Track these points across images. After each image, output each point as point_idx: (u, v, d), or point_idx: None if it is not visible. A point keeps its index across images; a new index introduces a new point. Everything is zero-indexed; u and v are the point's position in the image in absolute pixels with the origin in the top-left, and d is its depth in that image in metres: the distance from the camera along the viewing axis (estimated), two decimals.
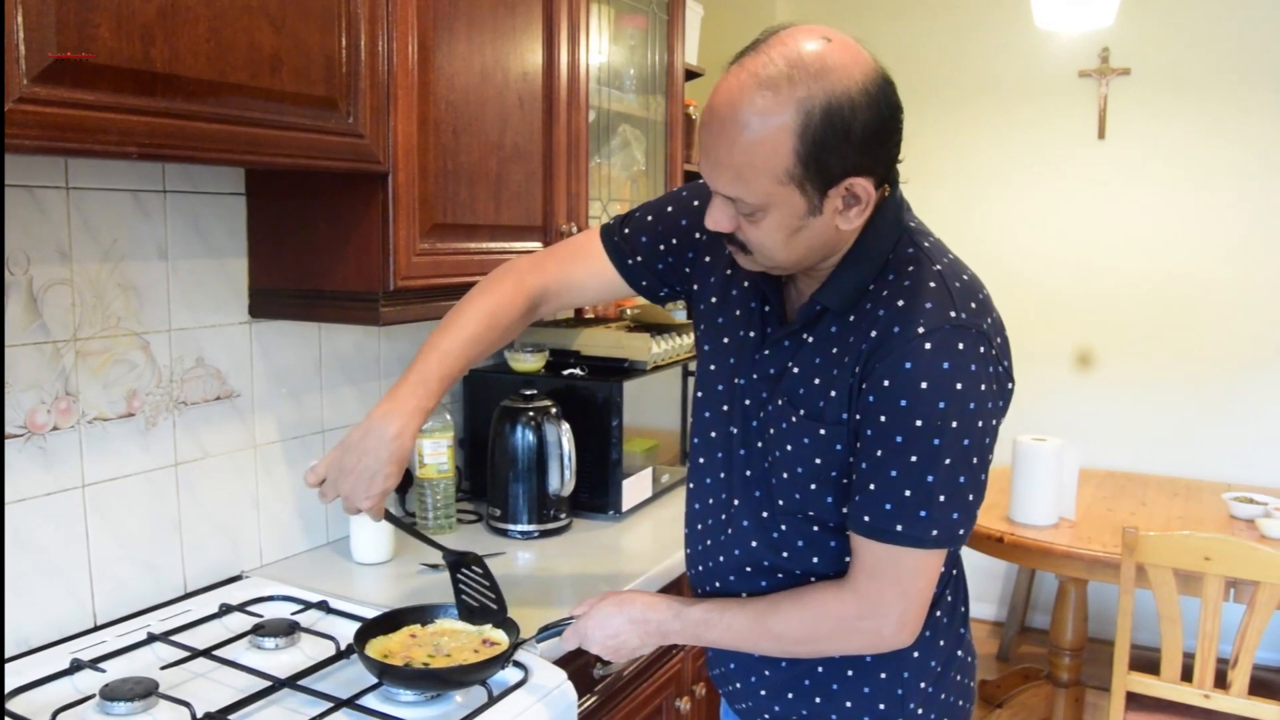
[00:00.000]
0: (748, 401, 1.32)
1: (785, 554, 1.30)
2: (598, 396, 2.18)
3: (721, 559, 1.38)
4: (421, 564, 1.87)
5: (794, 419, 1.24)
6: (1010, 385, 1.23)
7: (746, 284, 1.34)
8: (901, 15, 4.21)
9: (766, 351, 1.29)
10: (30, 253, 1.44)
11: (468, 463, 2.31)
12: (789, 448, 1.25)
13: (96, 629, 1.55)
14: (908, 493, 1.15)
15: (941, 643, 1.34)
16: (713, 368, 1.38)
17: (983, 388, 1.15)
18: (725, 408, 1.35)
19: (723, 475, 1.37)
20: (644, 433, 2.30)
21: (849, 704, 1.32)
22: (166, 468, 1.66)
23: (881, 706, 1.31)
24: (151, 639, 1.50)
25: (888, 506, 1.16)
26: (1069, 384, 4.16)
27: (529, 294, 1.46)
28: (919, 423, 1.13)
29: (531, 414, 2.06)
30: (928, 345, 1.13)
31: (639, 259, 1.46)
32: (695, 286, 1.44)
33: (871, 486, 1.17)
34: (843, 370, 1.19)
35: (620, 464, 2.16)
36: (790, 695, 1.36)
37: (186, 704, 1.27)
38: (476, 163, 1.77)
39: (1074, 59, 4.00)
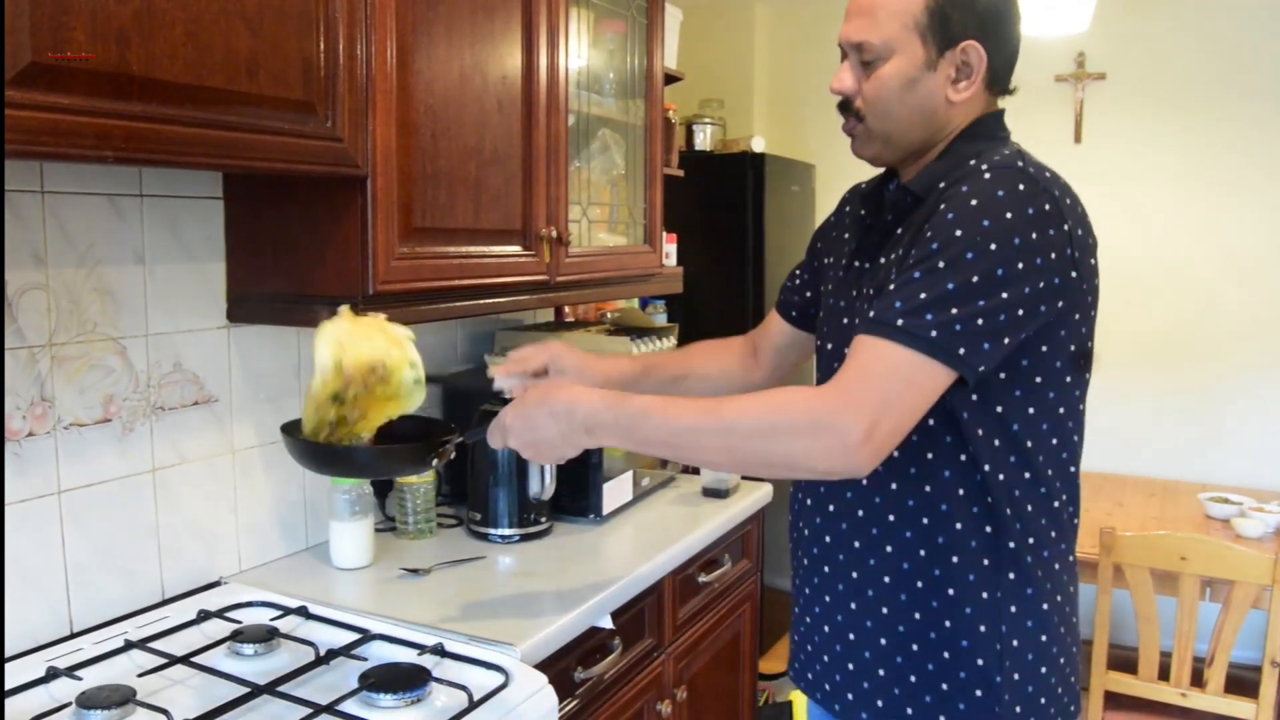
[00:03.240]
0: (845, 319, 1.35)
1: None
2: None
3: (815, 517, 1.38)
4: (401, 569, 1.86)
5: (871, 292, 1.25)
6: (1074, 274, 1.19)
7: (857, 211, 1.42)
8: None
9: (859, 262, 1.36)
10: (6, 258, 1.42)
11: (447, 467, 2.30)
12: None
13: (73, 636, 1.53)
14: (922, 295, 1.13)
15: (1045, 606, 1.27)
16: (824, 327, 1.43)
17: (1034, 235, 1.13)
18: (832, 337, 1.39)
19: None
20: None
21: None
22: (144, 473, 1.65)
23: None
24: (129, 646, 1.49)
25: (898, 304, 1.14)
26: None
27: (745, 339, 1.71)
28: (958, 232, 1.13)
29: None
30: (987, 175, 1.17)
31: (793, 298, 1.62)
32: (822, 271, 1.53)
33: (892, 286, 1.16)
34: (915, 234, 1.21)
35: (601, 467, 2.15)
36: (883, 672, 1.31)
37: (164, 711, 1.26)
38: (456, 166, 1.77)
39: (1050, 64, 4.03)
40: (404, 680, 1.38)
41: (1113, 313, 4.02)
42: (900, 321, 1.13)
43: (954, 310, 1.11)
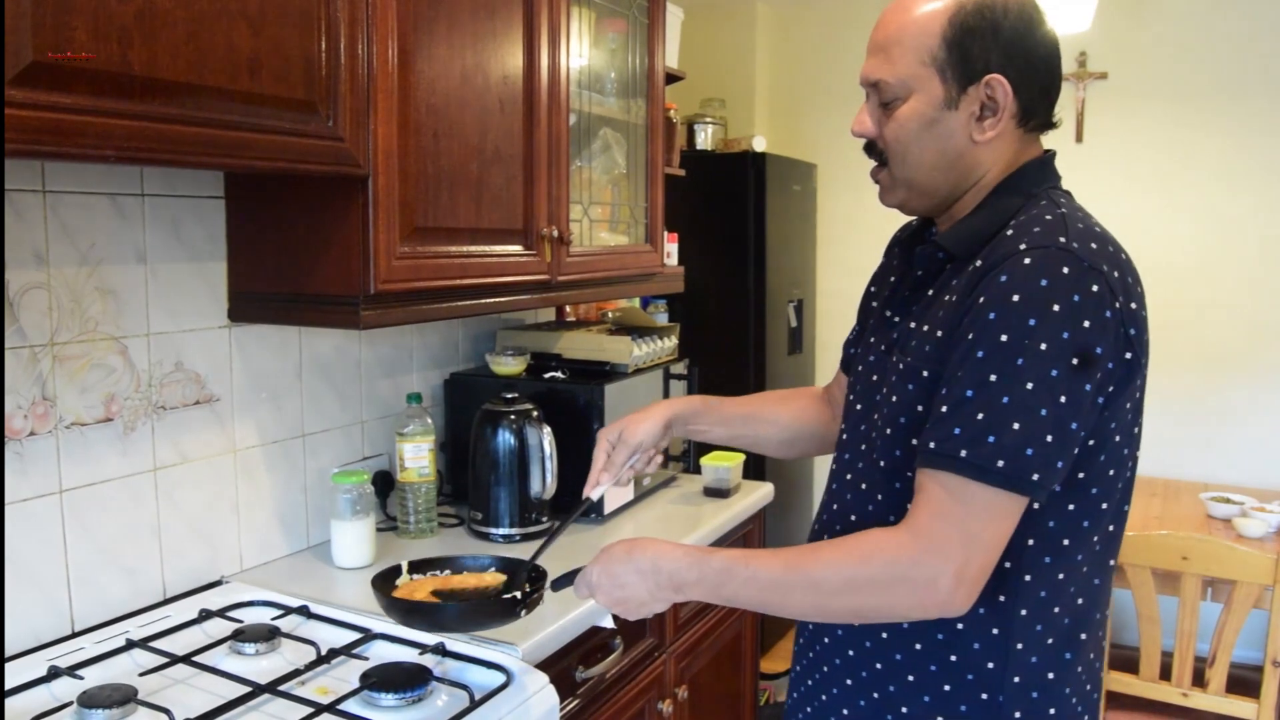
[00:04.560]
0: (874, 375, 1.27)
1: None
2: (579, 399, 2.18)
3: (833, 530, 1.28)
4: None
5: (901, 366, 1.17)
6: (1131, 355, 1.09)
7: (893, 258, 1.36)
8: None
9: (889, 312, 1.28)
10: (6, 256, 1.42)
11: (449, 466, 2.31)
12: (894, 399, 1.17)
13: (74, 635, 1.53)
14: (980, 415, 1.04)
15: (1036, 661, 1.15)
16: (858, 366, 1.35)
17: (1088, 324, 1.04)
18: (858, 386, 1.31)
19: (845, 456, 1.30)
20: None
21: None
22: (145, 473, 1.65)
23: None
24: (130, 645, 1.49)
25: (957, 431, 1.05)
26: None
27: (820, 389, 1.64)
28: (1004, 338, 1.04)
29: (513, 417, 2.06)
30: (1027, 260, 1.06)
31: (849, 351, 1.49)
32: (868, 316, 1.42)
33: (944, 409, 1.07)
34: (950, 310, 1.12)
35: None
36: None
37: (166, 711, 1.26)
38: (457, 166, 1.77)
39: None
40: (405, 680, 1.38)
41: None
42: (964, 453, 1.04)
43: (1016, 427, 1.03)
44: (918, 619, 1.11)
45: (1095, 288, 1.05)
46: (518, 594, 1.38)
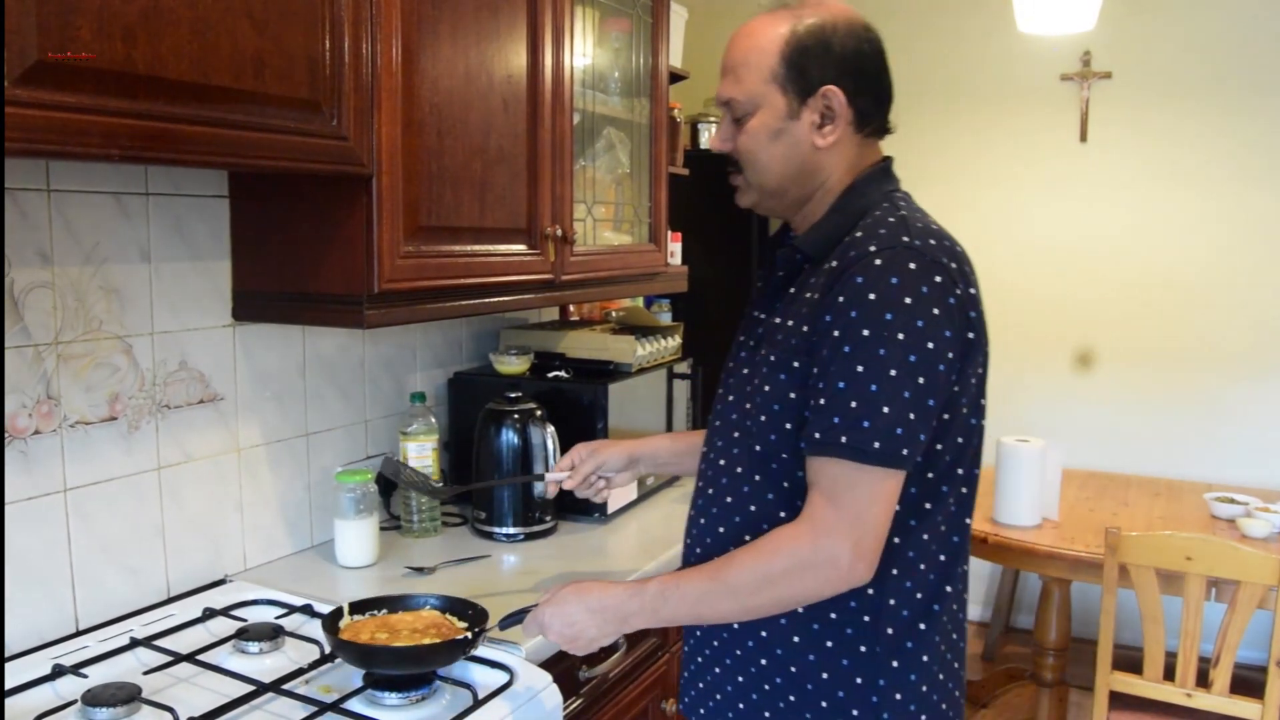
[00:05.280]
0: (745, 369, 1.36)
1: (753, 508, 1.31)
2: (583, 399, 2.18)
3: (707, 537, 1.37)
4: (406, 567, 1.87)
5: (773, 358, 1.28)
6: (973, 335, 1.24)
7: (764, 262, 1.45)
8: (884, 20, 4.19)
9: (756, 311, 1.40)
10: (11, 255, 1.43)
11: (453, 465, 2.31)
12: (767, 389, 1.28)
13: (78, 634, 1.53)
14: (853, 403, 1.17)
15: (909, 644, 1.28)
16: (729, 363, 1.44)
17: (935, 312, 1.19)
18: (729, 380, 1.41)
19: (718, 443, 1.38)
20: (629, 435, 2.29)
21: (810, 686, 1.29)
22: (149, 471, 1.65)
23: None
24: (134, 644, 1.49)
25: (835, 419, 1.18)
26: (1050, 385, 4.18)
27: None
28: (866, 332, 1.17)
29: (516, 416, 2.06)
30: (878, 261, 1.20)
31: None
32: None
33: (822, 401, 1.20)
34: (811, 306, 1.25)
35: None
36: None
37: (170, 709, 1.26)
38: (461, 165, 1.77)
39: (1056, 63, 4.02)
40: (409, 679, 1.38)
41: (1119, 312, 4.04)
42: (844, 439, 1.17)
43: (885, 410, 1.16)
44: (830, 595, 1.23)
45: (938, 279, 1.20)
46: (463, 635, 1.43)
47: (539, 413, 2.08)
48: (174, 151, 1.24)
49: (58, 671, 1.38)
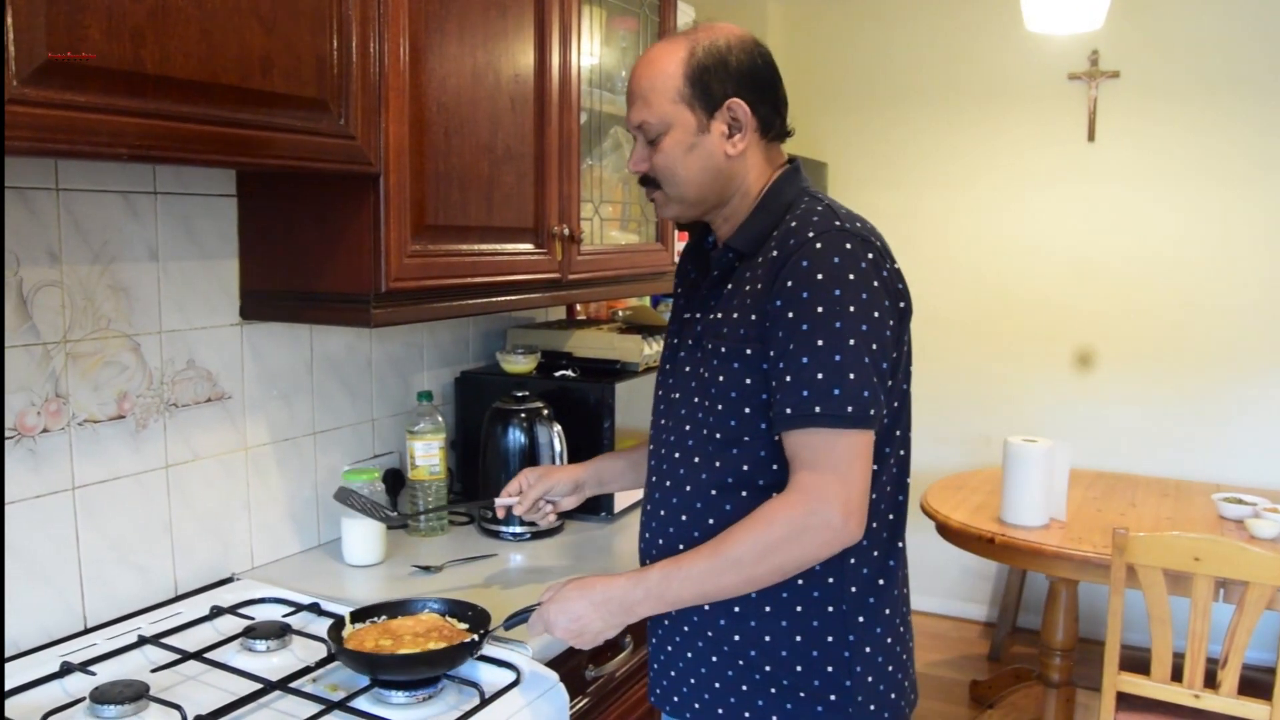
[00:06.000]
0: (688, 366, 1.43)
1: (714, 492, 1.37)
2: (590, 398, 2.18)
3: (669, 527, 1.43)
4: (413, 566, 1.87)
5: (723, 349, 1.35)
6: (903, 305, 1.37)
7: (685, 268, 1.55)
8: (892, 19, 4.22)
9: (689, 313, 1.47)
10: (20, 254, 1.43)
11: (460, 464, 2.31)
12: (721, 378, 1.35)
13: (86, 632, 1.54)
14: (820, 375, 1.25)
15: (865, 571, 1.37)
16: (666, 365, 1.52)
17: (875, 284, 1.30)
18: (670, 380, 1.48)
19: (670, 439, 1.44)
20: (636, 434, 2.30)
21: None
22: (157, 470, 1.66)
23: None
24: (142, 641, 1.49)
25: (805, 393, 1.26)
26: (1057, 385, 4.18)
27: None
28: (820, 309, 1.26)
29: (523, 415, 2.06)
30: (819, 245, 1.29)
31: None
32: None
33: (789, 378, 1.27)
34: (756, 296, 1.32)
35: None
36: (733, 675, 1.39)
37: (177, 707, 1.26)
38: (468, 164, 1.77)
39: (1064, 62, 4.02)
40: (416, 677, 1.38)
41: (1125, 311, 4.03)
42: (818, 409, 1.25)
43: (851, 376, 1.25)
44: (828, 556, 1.31)
45: (871, 255, 1.31)
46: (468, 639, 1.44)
47: (546, 412, 2.08)
48: (182, 150, 1.24)
49: (66, 669, 1.39)
